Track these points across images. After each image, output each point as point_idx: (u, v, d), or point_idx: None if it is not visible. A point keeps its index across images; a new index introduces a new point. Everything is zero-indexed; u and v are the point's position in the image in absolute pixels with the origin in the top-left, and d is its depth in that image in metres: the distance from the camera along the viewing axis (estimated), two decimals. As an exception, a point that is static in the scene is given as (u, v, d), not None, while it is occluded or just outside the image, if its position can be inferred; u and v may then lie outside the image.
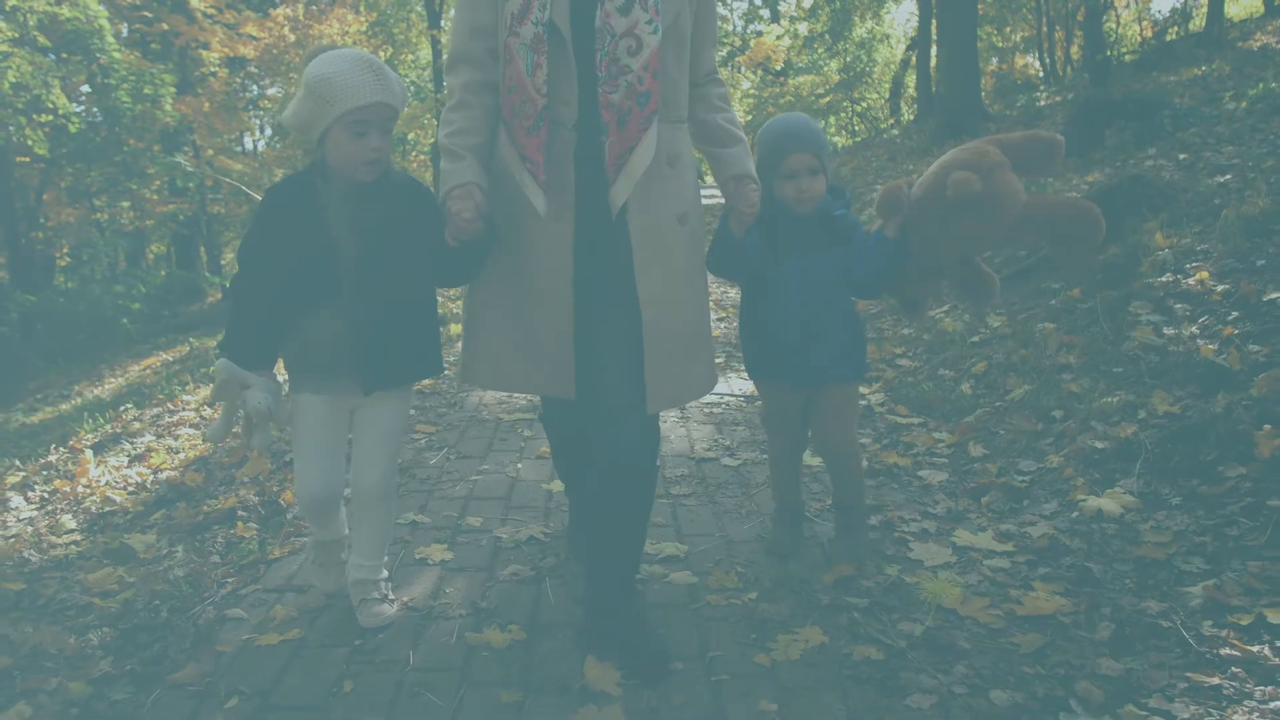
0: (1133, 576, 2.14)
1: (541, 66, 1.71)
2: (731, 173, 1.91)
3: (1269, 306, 3.09)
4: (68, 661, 1.99)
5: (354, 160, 1.77)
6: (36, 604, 2.38)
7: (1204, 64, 10.81)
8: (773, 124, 2.19)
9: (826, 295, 2.17)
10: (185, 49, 17.01)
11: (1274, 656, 1.76)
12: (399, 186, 1.88)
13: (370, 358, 1.86)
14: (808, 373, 2.22)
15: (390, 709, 1.72)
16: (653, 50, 1.72)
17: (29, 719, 1.76)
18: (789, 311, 2.16)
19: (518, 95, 1.76)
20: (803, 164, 2.08)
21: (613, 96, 1.72)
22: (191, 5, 16.38)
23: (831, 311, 2.19)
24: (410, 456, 3.20)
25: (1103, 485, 2.57)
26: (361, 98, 1.72)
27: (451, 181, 1.75)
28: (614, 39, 1.71)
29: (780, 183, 2.12)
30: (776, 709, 1.69)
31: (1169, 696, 1.69)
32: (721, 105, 1.98)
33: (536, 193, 1.74)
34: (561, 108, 1.75)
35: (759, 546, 2.44)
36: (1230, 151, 5.59)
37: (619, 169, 1.74)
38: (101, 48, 13.68)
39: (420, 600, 2.15)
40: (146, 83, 14.23)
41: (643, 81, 1.72)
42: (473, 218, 1.72)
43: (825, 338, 2.18)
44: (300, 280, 1.82)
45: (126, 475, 3.42)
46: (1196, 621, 1.91)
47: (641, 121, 1.73)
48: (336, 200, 1.83)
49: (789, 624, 2.01)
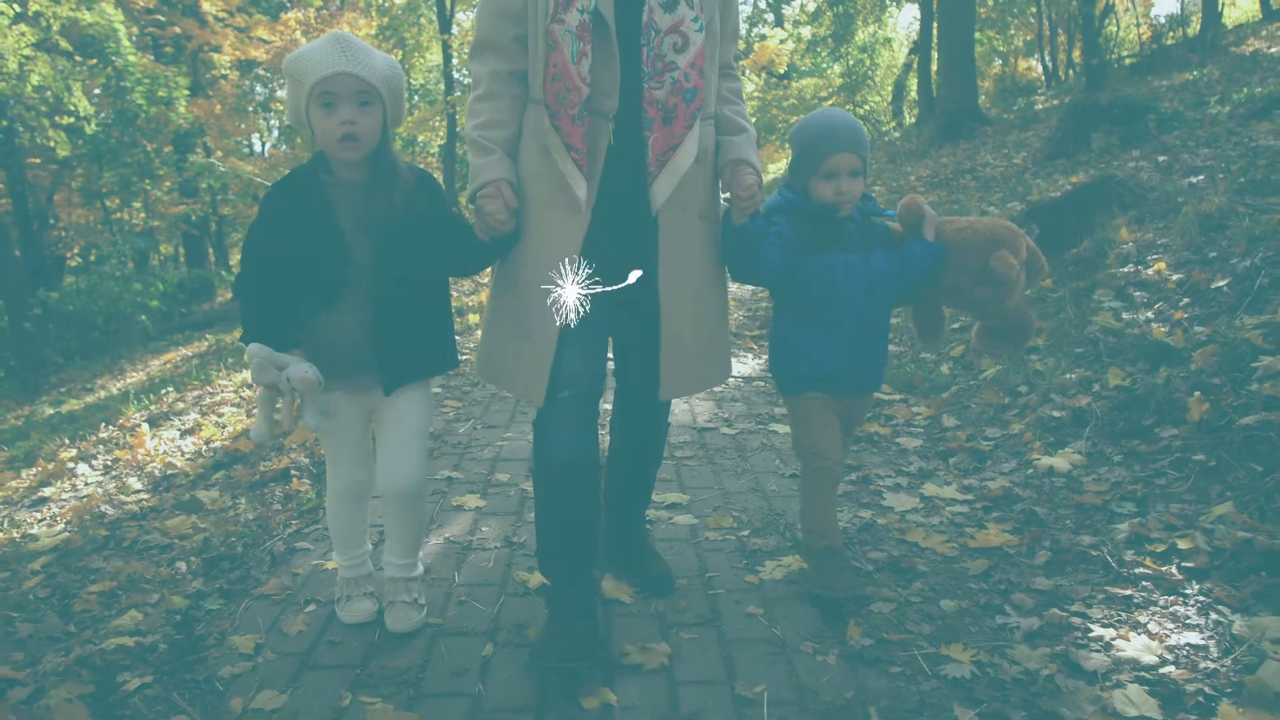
0: (1072, 518, 2.51)
1: (587, 55, 1.69)
2: (730, 157, 1.89)
3: (1215, 293, 3.46)
4: (163, 584, 2.37)
5: (329, 138, 1.72)
6: (122, 546, 2.76)
7: (1196, 69, 11.18)
8: (813, 119, 2.08)
9: (883, 296, 2.10)
10: (197, 52, 17.49)
11: (1178, 574, 2.13)
12: (406, 178, 1.83)
13: (389, 356, 1.84)
14: (858, 379, 2.14)
15: (443, 612, 2.10)
16: (699, 47, 1.73)
17: (141, 623, 2.14)
18: (846, 312, 2.06)
19: (562, 83, 1.72)
20: (845, 165, 2.00)
21: (658, 93, 1.72)
22: (204, 9, 16.85)
23: (885, 314, 2.14)
24: (441, 426, 3.58)
25: (1056, 447, 2.94)
26: (324, 68, 1.69)
27: (482, 178, 1.76)
28: (659, 35, 1.71)
29: (818, 181, 2.03)
30: (762, 613, 2.07)
31: (1088, 604, 2.06)
32: (732, 98, 1.98)
33: (580, 182, 1.73)
34: (602, 98, 1.74)
35: (752, 496, 2.81)
36: (1206, 154, 5.95)
37: (662, 165, 1.75)
38: (117, 51, 14.11)
39: (460, 536, 2.53)
40: (160, 85, 14.65)
41: (689, 79, 1.72)
42: (505, 217, 1.74)
43: (877, 341, 2.13)
44: (310, 280, 1.78)
45: (180, 445, 3.81)
46: (1120, 550, 2.28)
47: (687, 118, 1.74)
48: (342, 196, 1.79)
49: (775, 553, 2.38)
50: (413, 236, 1.81)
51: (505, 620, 2.06)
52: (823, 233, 2.06)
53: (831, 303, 2.05)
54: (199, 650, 1.98)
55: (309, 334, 1.82)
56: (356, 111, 1.72)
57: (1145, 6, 21.69)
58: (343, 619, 2.05)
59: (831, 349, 2.08)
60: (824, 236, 2.06)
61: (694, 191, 1.86)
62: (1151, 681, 1.75)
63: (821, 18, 19.01)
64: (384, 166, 1.80)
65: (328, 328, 1.82)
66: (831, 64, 20.54)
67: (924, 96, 16.03)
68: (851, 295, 2.05)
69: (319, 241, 1.77)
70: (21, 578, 2.56)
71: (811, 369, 2.10)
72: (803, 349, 2.10)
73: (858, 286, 2.06)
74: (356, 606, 2.05)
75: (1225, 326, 3.14)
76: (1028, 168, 8.20)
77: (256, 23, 17.45)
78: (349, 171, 1.79)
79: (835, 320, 2.06)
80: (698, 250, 1.90)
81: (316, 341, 1.82)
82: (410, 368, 1.89)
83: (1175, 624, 1.94)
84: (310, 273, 1.78)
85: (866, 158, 2.04)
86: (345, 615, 2.05)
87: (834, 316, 2.06)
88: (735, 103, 1.99)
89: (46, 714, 1.75)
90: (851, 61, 18.92)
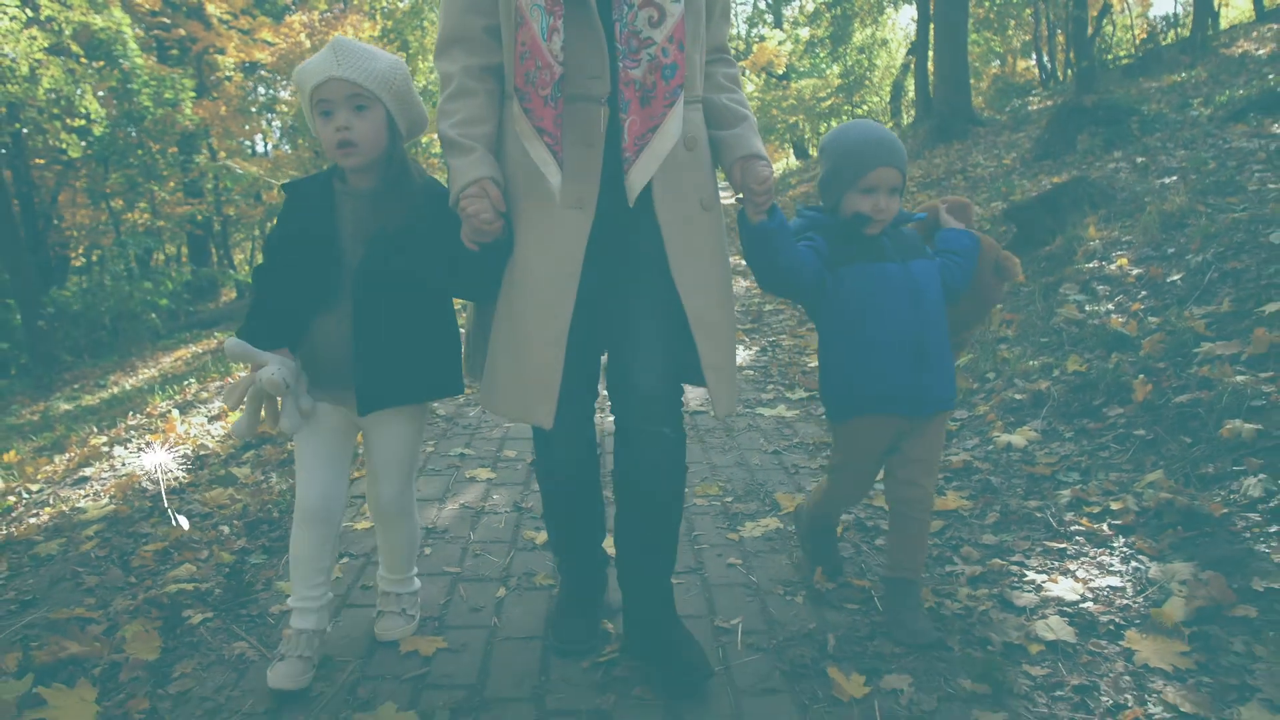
0: (1023, 486, 2.82)
1: (558, 31, 1.56)
2: (737, 154, 1.75)
3: (1169, 286, 3.77)
4: (209, 543, 2.68)
5: (328, 145, 1.71)
6: (165, 515, 3.07)
7: (1185, 70, 11.49)
8: (851, 129, 1.98)
9: (932, 305, 1.94)
10: (202, 54, 17.84)
11: (1108, 530, 2.44)
12: (420, 192, 1.79)
13: (368, 376, 1.76)
14: (915, 398, 1.95)
15: (460, 564, 2.41)
16: (676, 20, 1.58)
17: (195, 574, 2.45)
18: (892, 325, 1.91)
19: (532, 61, 1.59)
20: (886, 180, 1.90)
21: (634, 72, 1.58)
22: (208, 12, 17.20)
23: (940, 325, 1.96)
24: (452, 410, 3.90)
25: (1015, 426, 3.25)
26: (317, 75, 1.68)
27: (464, 178, 1.60)
28: (633, 9, 1.58)
29: (854, 196, 1.92)
30: (741, 563, 2.38)
31: (1027, 555, 2.37)
32: (728, 85, 1.85)
33: (553, 170, 1.58)
34: (589, 81, 1.62)
35: (737, 470, 3.12)
36: (1182, 155, 6.25)
37: (639, 149, 1.59)
38: (124, 53, 14.46)
39: (473, 503, 2.84)
40: (167, 87, 14.99)
41: (667, 53, 1.58)
42: (491, 218, 1.60)
43: (937, 356, 1.95)
44: (306, 281, 1.76)
45: (209, 429, 4.13)
46: (1061, 513, 2.59)
47: (667, 96, 1.58)
48: (348, 203, 1.77)
49: (754, 516, 2.69)
50: (408, 250, 1.74)
51: (515, 569, 2.38)
52: (854, 245, 1.94)
53: (873, 315, 1.91)
54: (250, 593, 2.30)
55: (306, 337, 1.80)
56: (351, 117, 1.69)
57: (1144, 6, 22.02)
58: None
59: (879, 367, 1.91)
60: (855, 249, 1.94)
61: (690, 180, 1.73)
62: (1071, 614, 2.06)
63: (820, 19, 19.33)
64: (393, 176, 1.76)
65: (317, 334, 1.78)
66: (830, 65, 20.86)
67: (921, 97, 16.34)
68: (894, 306, 1.91)
69: (316, 245, 1.75)
70: (78, 542, 2.87)
71: (857, 390, 1.95)
72: (847, 369, 1.95)
73: (900, 296, 1.91)
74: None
75: (1174, 317, 3.44)
76: (1015, 168, 8.51)
77: (260, 25, 17.76)
78: (358, 179, 1.77)
79: (880, 335, 1.91)
80: (706, 242, 1.75)
81: (310, 347, 1.80)
82: (391, 389, 1.79)
83: (1100, 570, 2.25)
84: (306, 275, 1.76)
85: (906, 175, 1.94)
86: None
87: (878, 331, 1.91)
88: (731, 89, 1.85)
89: (123, 644, 2.06)
90: (850, 62, 19.23)
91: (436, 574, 2.35)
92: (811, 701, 1.77)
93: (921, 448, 2.02)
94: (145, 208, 15.76)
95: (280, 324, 1.79)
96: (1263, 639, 1.87)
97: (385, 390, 1.79)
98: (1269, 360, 2.90)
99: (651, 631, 1.84)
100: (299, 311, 1.79)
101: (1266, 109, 6.88)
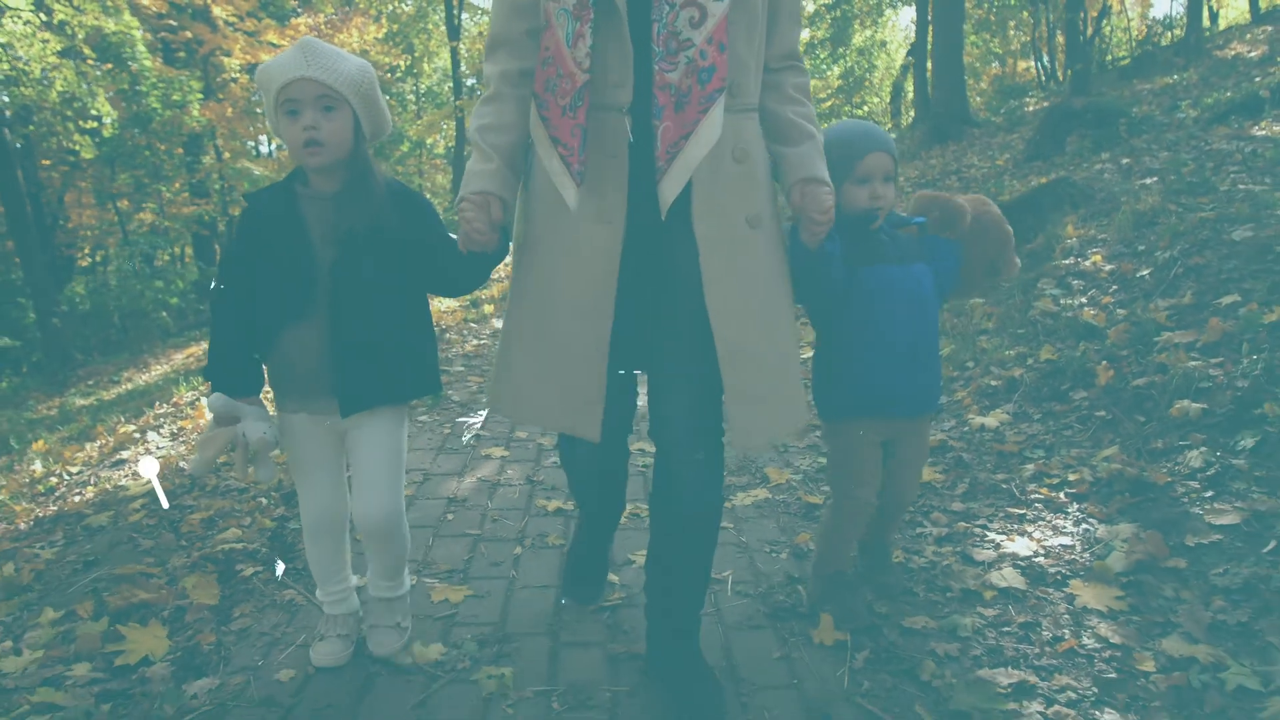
0: (992, 462, 3.10)
1: (584, 37, 1.51)
2: (799, 176, 1.67)
3: (1139, 280, 4.05)
4: (250, 512, 2.97)
5: (293, 144, 1.71)
6: (206, 490, 3.36)
7: (1178, 72, 11.77)
8: (842, 125, 2.04)
9: (931, 309, 2.02)
10: (208, 56, 18.16)
11: (1064, 498, 2.72)
12: (387, 194, 1.80)
13: (347, 377, 1.77)
14: (911, 400, 2.03)
15: (480, 527, 2.70)
16: (719, 19, 1.50)
17: (241, 536, 2.73)
18: (893, 328, 1.96)
19: (553, 68, 1.56)
20: (879, 166, 1.95)
21: (670, 75, 1.51)
22: (214, 14, 17.53)
23: (933, 327, 2.04)
24: (465, 397, 4.18)
25: (989, 409, 3.53)
26: (286, 74, 1.68)
27: (471, 186, 1.60)
28: (674, 9, 1.50)
29: (851, 187, 1.96)
30: (732, 527, 2.66)
31: (990, 520, 2.65)
32: (796, 96, 1.73)
33: (567, 183, 1.55)
34: (613, 89, 1.55)
35: (730, 449, 3.39)
36: (1165, 157, 6.52)
37: (671, 158, 1.52)
38: (133, 56, 14.80)
39: (490, 477, 3.13)
40: (175, 89, 15.33)
41: (705, 55, 1.50)
42: (483, 229, 1.58)
43: (929, 358, 2.03)
44: (276, 293, 1.76)
45: (237, 416, 4.41)
46: (1025, 484, 2.87)
47: (702, 101, 1.51)
48: (313, 207, 1.77)
49: (746, 488, 2.98)
50: (378, 252, 1.76)
51: (530, 531, 2.66)
52: (860, 245, 1.97)
53: (876, 319, 1.96)
54: (293, 551, 2.58)
55: (277, 350, 1.79)
56: (319, 117, 1.70)
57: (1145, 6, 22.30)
58: (312, 659, 1.97)
59: (880, 369, 1.98)
60: (862, 249, 1.97)
61: (736, 195, 1.63)
62: (1024, 567, 2.34)
63: (820, 21, 19.62)
64: (356, 177, 1.77)
65: (291, 345, 1.78)
66: (830, 66, 21.16)
67: (920, 99, 16.62)
68: (896, 309, 1.97)
69: (285, 252, 1.75)
70: (126, 514, 3.15)
71: (859, 392, 2.00)
72: (848, 371, 2.00)
73: (901, 299, 1.97)
74: (325, 648, 1.97)
75: (1140, 309, 3.72)
76: (1008, 169, 8.79)
77: (266, 27, 18.06)
78: (321, 182, 1.78)
79: (881, 337, 1.97)
80: (752, 263, 1.66)
81: (281, 360, 1.80)
82: (371, 391, 1.80)
83: (1053, 531, 2.53)
84: (276, 285, 1.76)
85: (897, 161, 2.00)
86: (314, 656, 1.97)
87: (880, 333, 1.97)
88: (799, 101, 1.73)
89: (185, 592, 2.34)
90: (849, 64, 19.52)
91: (459, 535, 2.64)
92: (790, 636, 2.05)
93: (912, 450, 2.13)
94: (153, 208, 16.06)
95: (247, 365, 1.80)
96: (1189, 585, 2.15)
97: (366, 390, 1.79)
98: (1220, 347, 3.18)
99: (672, 662, 1.82)
100: (268, 332, 1.78)
101: (1248, 112, 7.16)
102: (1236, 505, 2.37)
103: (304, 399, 1.81)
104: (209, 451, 1.74)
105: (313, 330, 1.76)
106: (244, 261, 1.79)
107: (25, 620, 2.32)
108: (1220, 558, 2.21)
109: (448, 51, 15.70)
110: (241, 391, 1.77)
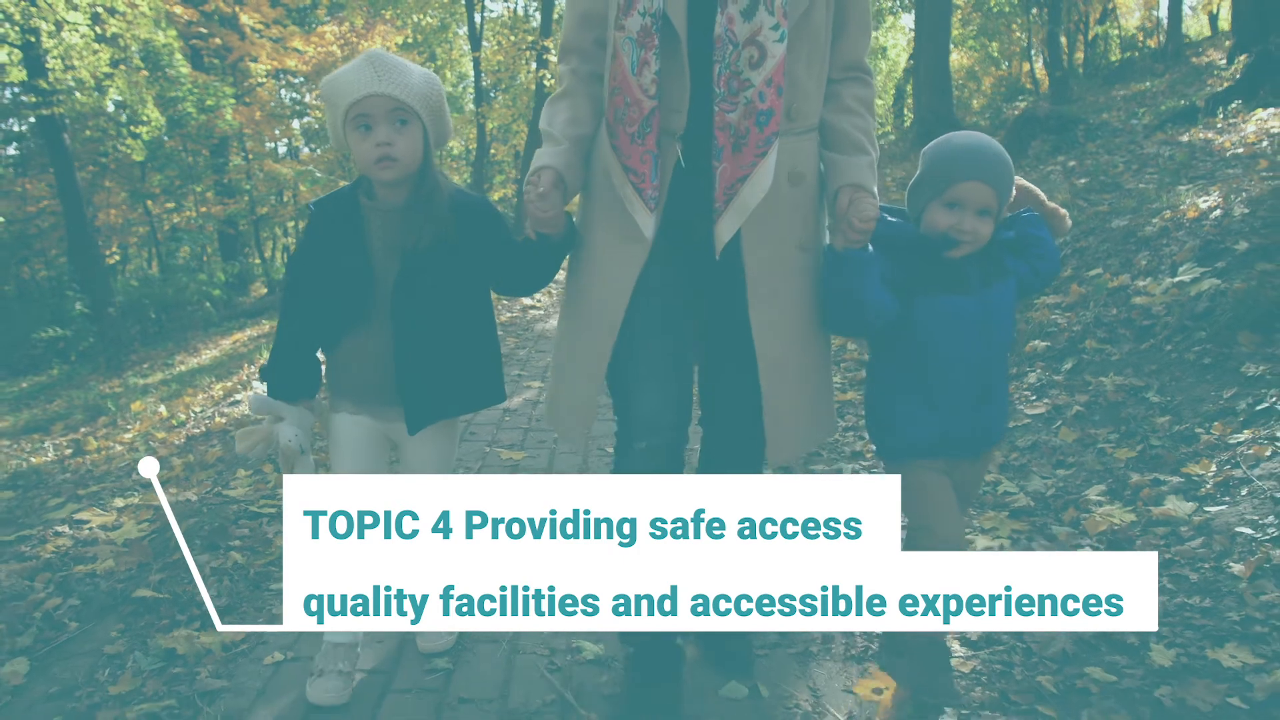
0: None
1: (650, 64, 1.58)
2: (845, 180, 1.67)
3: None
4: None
5: (365, 160, 1.75)
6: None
7: (1151, 79, 12.87)
8: (954, 136, 1.82)
9: (1003, 337, 1.82)
10: (237, 63, 19.52)
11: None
12: (455, 206, 1.83)
13: (414, 392, 1.81)
14: (978, 439, 1.86)
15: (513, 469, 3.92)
16: (777, 62, 1.56)
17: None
18: (958, 367, 1.77)
19: (621, 97, 1.64)
20: (974, 196, 1.72)
21: (730, 116, 1.58)
22: (242, 22, 18.88)
23: (1003, 359, 1.85)
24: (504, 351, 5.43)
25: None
26: (357, 90, 1.71)
27: (533, 165, 1.69)
28: (736, 48, 1.56)
29: (937, 208, 1.76)
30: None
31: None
32: (856, 108, 1.74)
33: (642, 210, 1.63)
34: (670, 115, 1.63)
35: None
36: (1105, 160, 7.66)
37: (729, 200, 1.61)
38: (170, 63, 16.18)
39: (520, 408, 4.35)
40: (210, 95, 16.65)
41: (764, 98, 1.57)
42: (540, 204, 1.65)
43: (998, 394, 1.84)
44: (337, 301, 1.81)
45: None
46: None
47: (760, 144, 1.58)
48: (377, 219, 1.81)
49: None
50: (443, 266, 1.81)
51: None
52: (931, 270, 1.78)
53: (938, 356, 1.77)
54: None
55: (337, 356, 1.86)
56: (393, 132, 1.74)
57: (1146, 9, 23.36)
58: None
59: (942, 412, 1.79)
60: (932, 274, 1.78)
61: (789, 220, 1.70)
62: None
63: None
64: (424, 190, 1.80)
65: (354, 352, 1.84)
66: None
67: (916, 102, 17.72)
68: (964, 346, 1.77)
69: (346, 264, 1.80)
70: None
71: (918, 437, 1.81)
72: (905, 415, 1.82)
73: (971, 335, 1.76)
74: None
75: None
76: (980, 170, 9.90)
77: (292, 34, 19.40)
78: (388, 194, 1.81)
79: (944, 377, 1.78)
80: (797, 287, 1.73)
81: (343, 365, 1.86)
82: (437, 404, 1.85)
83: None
84: (336, 294, 1.81)
85: (1005, 198, 1.76)
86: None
87: (942, 373, 1.78)
88: (858, 114, 1.74)
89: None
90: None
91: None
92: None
93: (969, 481, 1.94)
94: (190, 206, 17.40)
95: (303, 370, 1.85)
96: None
97: (433, 406, 1.84)
98: (1075, 306, 4.36)
99: None
100: (330, 337, 1.85)
101: (1183, 120, 8.29)
102: (1044, 400, 3.57)
103: (365, 403, 1.87)
104: (244, 444, 1.83)
105: (375, 340, 1.82)
106: (309, 266, 1.86)
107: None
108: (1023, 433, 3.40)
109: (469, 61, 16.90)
110: (293, 396, 1.83)
